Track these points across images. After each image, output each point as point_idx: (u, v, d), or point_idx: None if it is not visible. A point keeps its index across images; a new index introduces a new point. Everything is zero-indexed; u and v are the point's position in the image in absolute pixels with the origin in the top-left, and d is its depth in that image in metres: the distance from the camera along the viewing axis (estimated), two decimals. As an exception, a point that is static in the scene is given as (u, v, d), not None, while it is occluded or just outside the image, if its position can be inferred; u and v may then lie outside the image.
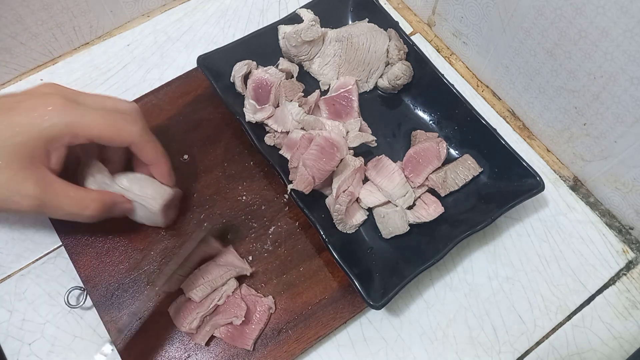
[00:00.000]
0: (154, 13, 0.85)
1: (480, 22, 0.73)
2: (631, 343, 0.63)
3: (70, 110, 0.53)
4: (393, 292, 0.57)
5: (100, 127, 0.54)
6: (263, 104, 0.68)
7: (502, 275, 0.66)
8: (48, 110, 0.52)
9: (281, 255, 0.65)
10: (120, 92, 0.77)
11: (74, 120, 0.52)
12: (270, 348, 0.60)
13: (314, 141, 0.61)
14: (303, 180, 0.60)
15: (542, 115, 0.72)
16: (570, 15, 0.59)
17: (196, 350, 0.59)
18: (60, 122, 0.52)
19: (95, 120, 0.54)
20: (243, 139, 0.70)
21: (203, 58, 0.70)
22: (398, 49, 0.71)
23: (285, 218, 0.67)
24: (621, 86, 0.58)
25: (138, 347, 0.59)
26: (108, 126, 0.54)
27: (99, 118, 0.54)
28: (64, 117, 0.52)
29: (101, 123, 0.54)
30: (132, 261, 0.63)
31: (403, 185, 0.64)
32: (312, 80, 0.74)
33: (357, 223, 0.64)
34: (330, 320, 0.61)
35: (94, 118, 0.54)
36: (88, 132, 0.53)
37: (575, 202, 0.71)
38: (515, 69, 0.71)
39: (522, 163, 0.65)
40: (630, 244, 0.68)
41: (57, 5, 0.74)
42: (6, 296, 0.64)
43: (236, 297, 0.61)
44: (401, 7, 0.87)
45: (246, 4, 0.86)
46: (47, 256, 0.66)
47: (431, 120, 0.73)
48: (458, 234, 0.61)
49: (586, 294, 0.65)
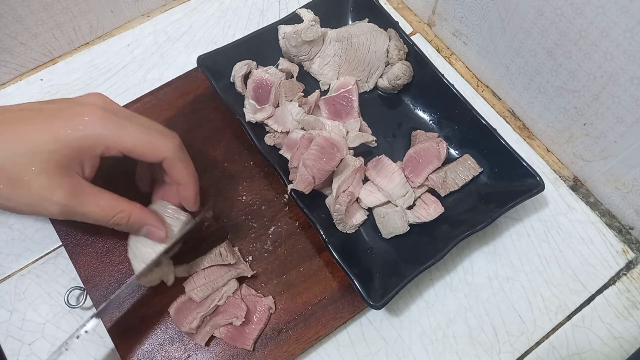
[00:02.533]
0: (154, 13, 0.85)
1: (480, 22, 0.73)
2: (631, 343, 0.63)
3: (106, 121, 0.53)
4: (393, 292, 0.57)
5: (135, 140, 0.54)
6: (263, 104, 0.68)
7: (502, 275, 0.66)
8: (85, 120, 0.52)
9: (281, 255, 0.65)
10: (120, 92, 0.77)
11: (109, 132, 0.52)
12: (270, 348, 0.60)
13: (314, 141, 0.61)
14: (303, 180, 0.60)
15: (542, 115, 0.72)
16: (570, 15, 0.59)
17: (196, 350, 0.59)
18: (94, 132, 0.52)
19: (131, 133, 0.53)
20: (243, 139, 0.70)
21: (203, 58, 0.70)
22: (398, 49, 0.71)
23: (285, 218, 0.67)
24: (621, 86, 0.58)
25: (138, 346, 0.59)
26: (143, 140, 0.54)
27: (134, 131, 0.54)
28: (99, 128, 0.52)
29: (137, 137, 0.54)
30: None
31: (403, 185, 0.64)
32: (312, 80, 0.74)
33: (357, 223, 0.64)
34: (330, 320, 0.61)
35: (130, 131, 0.53)
36: (122, 144, 0.53)
37: (575, 202, 0.71)
38: (515, 69, 0.71)
39: (522, 163, 0.65)
40: (630, 244, 0.68)
41: (57, 5, 0.74)
42: (6, 296, 0.64)
43: (236, 297, 0.61)
44: (401, 7, 0.87)
45: (246, 4, 0.86)
46: (47, 256, 0.66)
47: (431, 120, 0.73)
48: (458, 234, 0.61)
49: (586, 294, 0.65)
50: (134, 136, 0.53)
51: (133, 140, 0.53)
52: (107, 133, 0.52)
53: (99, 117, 0.52)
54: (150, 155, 0.55)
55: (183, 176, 0.58)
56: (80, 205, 0.53)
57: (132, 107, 0.73)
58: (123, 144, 0.53)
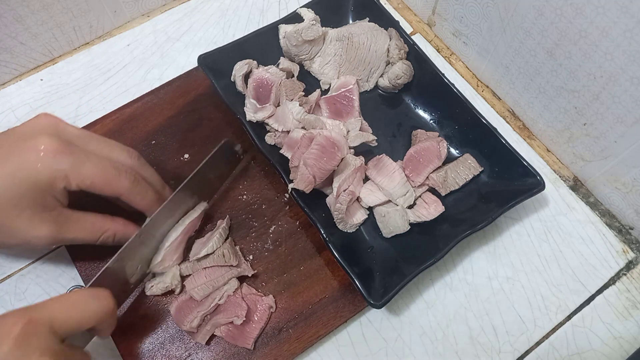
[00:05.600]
0: (154, 13, 0.85)
1: (480, 22, 0.73)
2: (631, 343, 0.63)
3: (63, 156, 0.53)
4: (394, 291, 0.57)
5: (92, 177, 0.54)
6: (264, 103, 0.68)
7: (502, 275, 0.66)
8: (40, 156, 0.52)
9: (282, 254, 0.65)
10: (120, 92, 0.77)
11: (67, 168, 0.53)
12: (271, 347, 0.60)
13: (315, 140, 0.61)
14: (304, 179, 0.60)
15: (542, 115, 0.72)
16: (570, 15, 0.59)
17: (197, 349, 0.59)
18: (53, 169, 0.52)
19: (88, 170, 0.54)
20: (244, 138, 0.69)
21: (204, 57, 0.70)
22: (399, 48, 0.71)
23: (286, 217, 0.67)
24: (621, 86, 0.59)
25: (138, 345, 0.59)
26: (99, 178, 0.55)
27: (91, 168, 0.54)
28: (57, 164, 0.52)
29: (94, 173, 0.54)
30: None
31: (403, 184, 0.64)
32: (312, 80, 0.74)
33: (358, 222, 0.64)
34: (330, 319, 0.61)
35: (87, 168, 0.54)
36: (80, 181, 0.54)
37: (575, 202, 0.71)
38: (515, 69, 0.71)
39: (523, 162, 0.65)
40: (630, 244, 0.69)
41: (57, 5, 0.74)
42: (6, 296, 0.64)
43: (237, 296, 0.61)
44: (401, 7, 0.87)
45: (246, 4, 0.86)
46: (47, 256, 0.66)
47: (432, 119, 0.73)
48: (458, 233, 0.61)
49: (586, 294, 0.65)
50: (91, 173, 0.54)
51: (90, 177, 0.54)
52: (65, 168, 0.53)
53: (54, 153, 0.52)
54: (108, 191, 0.56)
55: (142, 207, 0.59)
56: (67, 232, 0.56)
57: (133, 106, 0.73)
58: (82, 180, 0.54)
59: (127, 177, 0.57)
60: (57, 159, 0.52)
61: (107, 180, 0.55)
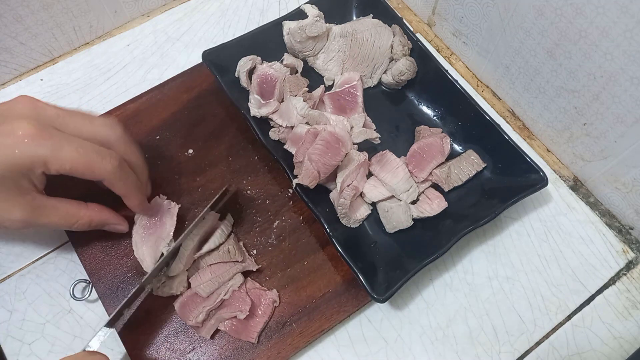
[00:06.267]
0: (154, 13, 0.85)
1: (480, 22, 0.73)
2: (631, 343, 0.63)
3: (41, 141, 0.51)
4: (397, 286, 0.57)
5: (73, 162, 0.53)
6: (268, 98, 0.68)
7: (502, 275, 0.66)
8: (18, 140, 0.50)
9: (285, 249, 0.65)
10: (120, 92, 0.77)
11: (46, 153, 0.51)
12: (275, 341, 0.59)
13: (319, 136, 0.61)
14: (308, 174, 0.60)
15: (542, 115, 0.72)
16: (570, 15, 0.60)
17: (201, 343, 0.59)
18: (30, 153, 0.51)
19: (68, 153, 0.52)
20: (248, 133, 0.70)
21: (208, 53, 0.70)
22: (402, 44, 0.72)
23: (290, 212, 0.67)
24: (621, 86, 0.59)
25: (143, 339, 0.59)
26: (80, 162, 0.53)
27: (72, 152, 0.52)
28: (35, 149, 0.51)
29: (74, 157, 0.53)
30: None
31: (407, 180, 0.65)
32: (316, 76, 0.74)
33: (361, 217, 0.64)
34: (334, 314, 0.61)
35: (67, 151, 0.52)
36: (60, 166, 0.52)
37: (575, 202, 0.71)
38: (515, 69, 0.72)
39: (526, 158, 0.65)
40: (630, 244, 0.69)
41: (57, 5, 0.74)
42: (6, 296, 0.63)
43: (241, 291, 0.60)
44: (401, 7, 0.88)
45: (246, 4, 0.86)
46: (47, 256, 0.65)
47: (435, 115, 0.73)
48: (461, 228, 0.61)
49: (586, 294, 0.66)
50: (71, 157, 0.52)
51: (70, 161, 0.52)
52: (43, 153, 0.51)
53: (33, 137, 0.51)
54: (89, 175, 0.54)
55: (123, 192, 0.58)
56: (40, 217, 0.55)
57: (137, 102, 0.73)
58: (61, 165, 0.52)
59: (110, 162, 0.55)
60: (35, 144, 0.51)
61: (88, 164, 0.53)
